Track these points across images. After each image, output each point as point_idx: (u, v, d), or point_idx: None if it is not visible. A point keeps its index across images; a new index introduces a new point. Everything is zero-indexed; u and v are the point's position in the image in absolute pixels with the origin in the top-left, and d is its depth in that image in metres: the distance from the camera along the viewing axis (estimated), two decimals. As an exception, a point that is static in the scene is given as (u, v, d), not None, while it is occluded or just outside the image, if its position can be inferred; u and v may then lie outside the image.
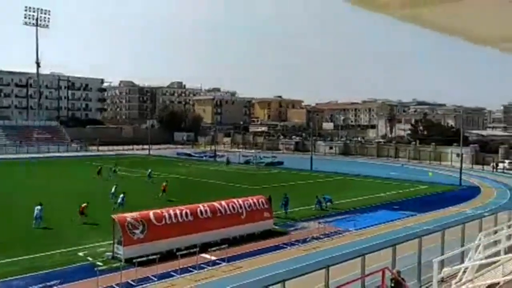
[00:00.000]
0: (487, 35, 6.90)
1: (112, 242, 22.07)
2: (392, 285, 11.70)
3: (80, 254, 22.14)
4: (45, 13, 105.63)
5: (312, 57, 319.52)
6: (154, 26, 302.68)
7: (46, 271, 19.74)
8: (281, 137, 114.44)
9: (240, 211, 25.87)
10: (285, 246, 24.06)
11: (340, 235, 26.52)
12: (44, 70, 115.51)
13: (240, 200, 26.77)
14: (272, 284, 11.00)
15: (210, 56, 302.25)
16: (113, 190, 35.58)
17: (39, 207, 27.68)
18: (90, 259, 21.38)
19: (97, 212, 29.38)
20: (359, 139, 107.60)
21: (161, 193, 37.36)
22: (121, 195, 32.38)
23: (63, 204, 33.59)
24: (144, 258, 19.82)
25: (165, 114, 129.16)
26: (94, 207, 30.08)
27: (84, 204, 28.85)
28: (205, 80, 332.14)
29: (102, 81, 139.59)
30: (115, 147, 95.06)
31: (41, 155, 79.50)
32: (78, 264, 20.74)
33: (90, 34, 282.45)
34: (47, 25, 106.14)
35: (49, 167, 63.06)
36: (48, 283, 18.13)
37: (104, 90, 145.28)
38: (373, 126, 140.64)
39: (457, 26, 6.47)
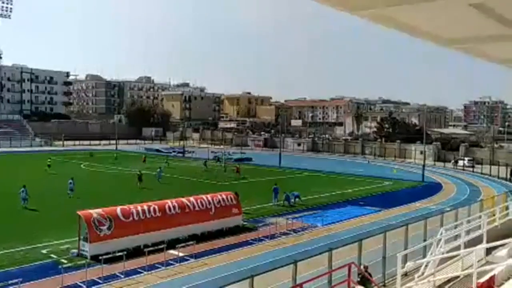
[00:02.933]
0: (449, 36, 7.16)
1: (77, 238, 21.61)
2: (359, 279, 11.99)
3: (43, 251, 21.57)
4: (6, 3, 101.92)
5: (282, 55, 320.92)
6: (123, 21, 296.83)
7: (5, 269, 19.06)
8: (250, 133, 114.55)
9: (209, 207, 25.82)
10: (253, 242, 24.17)
11: (308, 230, 26.85)
12: (5, 62, 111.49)
13: (209, 196, 26.73)
14: (241, 280, 11.05)
15: (179, 51, 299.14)
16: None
17: None
18: (54, 256, 20.87)
19: (56, 208, 28.64)
20: (326, 136, 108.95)
21: (236, 173, 48.99)
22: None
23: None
24: (110, 255, 19.53)
25: (133, 109, 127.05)
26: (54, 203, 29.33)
27: (139, 172, 40.00)
28: (174, 75, 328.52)
29: (67, 74, 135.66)
30: (82, 142, 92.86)
31: (2, 150, 76.76)
32: (41, 262, 20.17)
33: (55, 27, 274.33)
34: (9, 16, 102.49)
35: (11, 161, 60.96)
36: (8, 282, 17.46)
37: (70, 83, 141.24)
38: (340, 124, 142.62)
39: (420, 27, 6.69)
